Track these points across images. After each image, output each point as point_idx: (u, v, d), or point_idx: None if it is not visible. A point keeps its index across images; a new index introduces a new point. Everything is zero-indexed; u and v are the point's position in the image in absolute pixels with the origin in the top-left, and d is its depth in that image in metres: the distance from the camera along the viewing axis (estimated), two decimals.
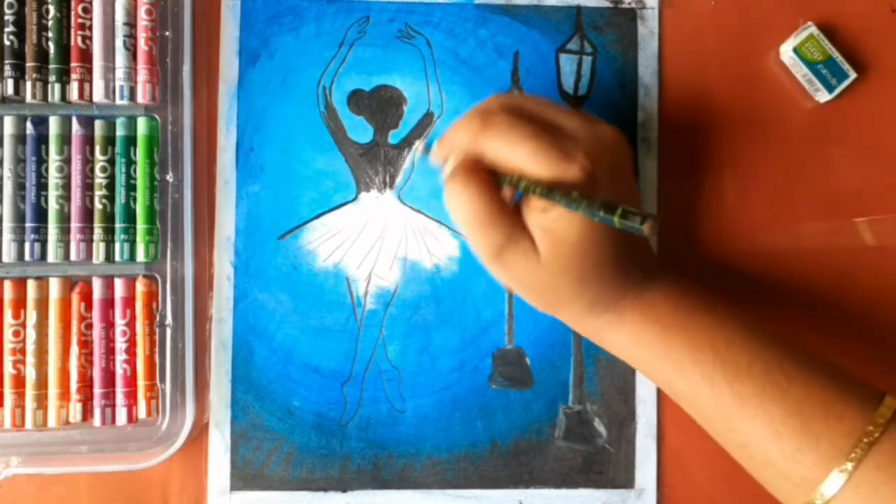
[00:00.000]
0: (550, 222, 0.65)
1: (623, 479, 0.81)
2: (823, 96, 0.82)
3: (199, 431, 0.79)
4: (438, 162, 0.70)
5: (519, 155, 0.64)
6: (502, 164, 0.65)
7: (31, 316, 0.76)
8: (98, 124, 0.78)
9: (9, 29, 0.77)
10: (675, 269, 0.74)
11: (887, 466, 0.61)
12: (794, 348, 0.68)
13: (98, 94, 0.77)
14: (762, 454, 0.65)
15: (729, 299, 0.75)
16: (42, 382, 0.76)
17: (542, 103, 0.69)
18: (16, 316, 0.76)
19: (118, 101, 0.78)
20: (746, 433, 0.65)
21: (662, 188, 0.82)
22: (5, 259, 0.77)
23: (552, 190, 0.62)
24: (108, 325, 0.77)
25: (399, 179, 0.82)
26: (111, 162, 0.77)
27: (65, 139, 0.77)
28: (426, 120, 0.82)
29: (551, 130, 0.65)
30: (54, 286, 0.77)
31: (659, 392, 0.81)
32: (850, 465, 0.61)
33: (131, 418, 0.77)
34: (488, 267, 0.68)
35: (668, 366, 0.68)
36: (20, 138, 0.77)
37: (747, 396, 0.65)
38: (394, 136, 0.82)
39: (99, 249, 0.77)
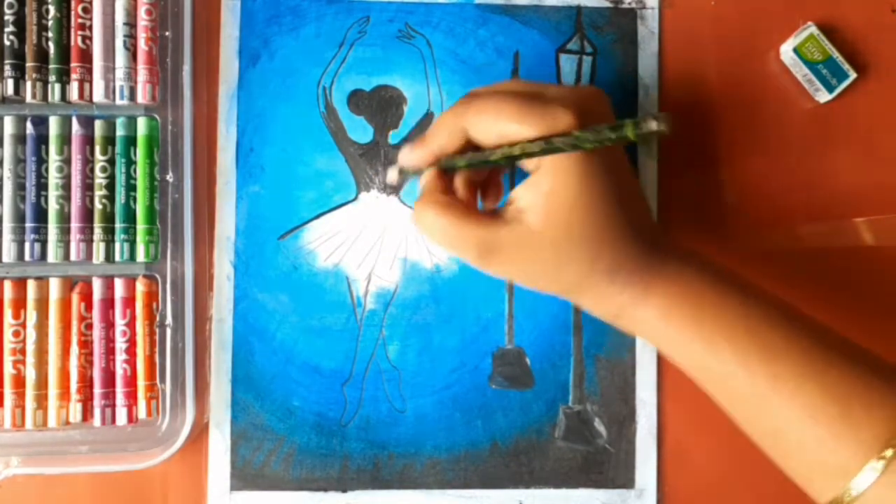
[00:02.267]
0: (546, 182, 0.64)
1: (623, 479, 0.81)
2: (823, 96, 0.82)
3: (199, 431, 0.79)
4: (413, 162, 0.71)
5: (507, 117, 0.63)
6: (487, 136, 0.65)
7: (31, 316, 0.77)
8: (98, 124, 0.78)
9: (9, 29, 0.77)
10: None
11: None
12: (831, 332, 0.66)
13: (98, 94, 0.77)
14: (795, 440, 0.63)
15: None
16: (42, 382, 0.76)
17: (521, 82, 0.69)
18: (16, 316, 0.76)
19: (118, 101, 0.78)
20: (780, 417, 0.63)
21: (662, 188, 0.82)
22: (5, 259, 0.77)
23: (552, 138, 0.61)
24: (108, 325, 0.77)
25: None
26: (111, 162, 0.77)
27: (65, 139, 0.77)
28: (426, 120, 0.82)
29: (534, 95, 0.65)
30: (54, 286, 0.77)
31: (659, 392, 0.82)
32: (889, 453, 0.59)
33: (131, 418, 0.77)
34: (487, 272, 0.67)
35: (699, 344, 0.65)
36: (20, 138, 0.77)
37: (784, 378, 0.63)
38: (394, 137, 0.82)
39: (99, 249, 0.77)
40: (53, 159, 0.77)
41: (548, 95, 0.65)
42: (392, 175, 0.75)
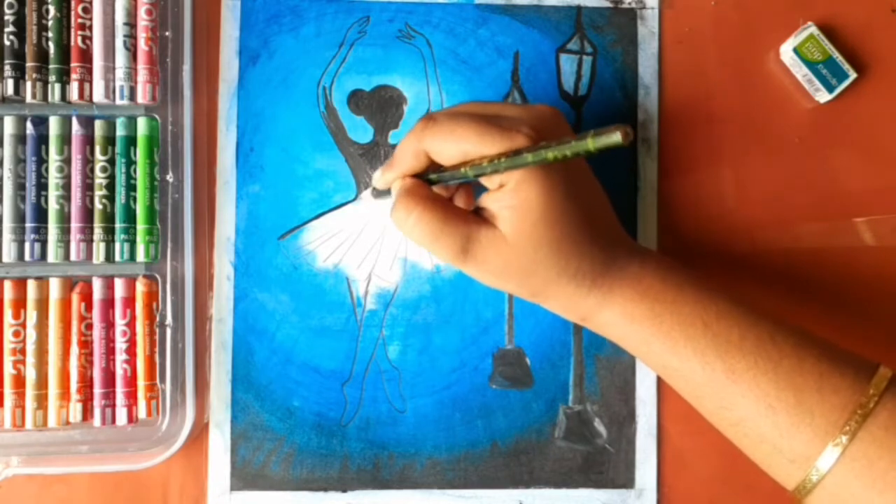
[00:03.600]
0: (511, 198, 0.65)
1: (623, 479, 0.81)
2: (823, 96, 0.82)
3: (199, 431, 0.79)
4: (385, 185, 0.72)
5: (465, 140, 0.65)
6: (449, 158, 0.67)
7: (32, 316, 0.77)
8: (98, 124, 0.78)
9: (9, 29, 0.77)
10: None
11: (882, 439, 0.61)
12: (784, 323, 0.68)
13: (98, 94, 0.77)
14: (756, 430, 0.65)
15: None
16: (42, 382, 0.76)
17: (479, 104, 0.71)
18: (16, 316, 0.76)
19: (118, 101, 0.78)
20: (740, 409, 0.65)
21: (662, 188, 0.82)
22: (5, 259, 0.77)
23: (516, 153, 0.61)
24: (109, 325, 0.77)
25: None
26: (111, 162, 0.77)
27: (65, 139, 0.77)
28: None
29: (491, 117, 0.66)
30: (54, 286, 0.77)
31: (659, 392, 0.82)
32: (844, 438, 0.61)
33: (131, 418, 0.77)
34: (461, 269, 0.69)
35: (660, 343, 0.68)
36: (20, 138, 0.77)
37: (740, 370, 0.65)
38: (394, 136, 0.82)
39: (99, 249, 0.77)
40: (53, 159, 0.77)
41: (505, 116, 0.67)
42: (367, 194, 0.76)
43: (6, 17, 0.77)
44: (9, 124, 0.77)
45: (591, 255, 0.68)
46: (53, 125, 0.77)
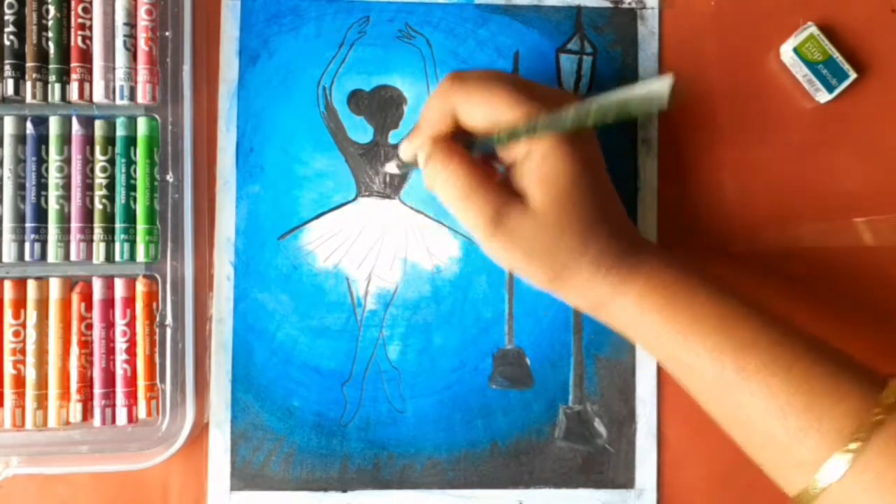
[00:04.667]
0: (539, 169, 0.66)
1: (623, 479, 0.81)
2: (824, 96, 0.82)
3: (200, 431, 0.79)
4: (412, 153, 0.72)
5: (498, 106, 0.65)
6: (477, 121, 0.67)
7: (32, 316, 0.77)
8: (98, 124, 0.78)
9: (9, 29, 0.77)
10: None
11: (892, 451, 0.60)
12: (796, 329, 0.67)
13: (98, 95, 0.77)
14: (764, 432, 0.64)
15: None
16: (42, 382, 0.76)
17: (507, 73, 0.73)
18: (16, 316, 0.76)
19: (118, 102, 0.78)
20: (748, 408, 0.65)
21: (662, 188, 0.82)
22: (5, 259, 0.77)
23: (554, 115, 0.62)
24: (109, 326, 0.77)
25: (399, 180, 0.82)
26: (111, 162, 0.77)
27: (65, 139, 0.77)
28: None
29: (522, 86, 0.67)
30: (54, 286, 0.77)
31: (659, 392, 0.82)
32: (853, 447, 0.60)
33: (131, 418, 0.77)
34: (488, 242, 0.68)
35: (672, 336, 0.67)
36: (20, 138, 0.77)
37: (751, 370, 0.64)
38: (394, 137, 0.82)
39: (99, 249, 0.77)
40: (53, 159, 0.77)
41: (536, 87, 0.67)
42: (391, 166, 0.76)
43: (6, 17, 0.77)
44: (9, 124, 0.77)
45: (608, 241, 0.68)
46: (53, 125, 0.77)
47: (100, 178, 0.77)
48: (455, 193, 0.67)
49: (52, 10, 0.77)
